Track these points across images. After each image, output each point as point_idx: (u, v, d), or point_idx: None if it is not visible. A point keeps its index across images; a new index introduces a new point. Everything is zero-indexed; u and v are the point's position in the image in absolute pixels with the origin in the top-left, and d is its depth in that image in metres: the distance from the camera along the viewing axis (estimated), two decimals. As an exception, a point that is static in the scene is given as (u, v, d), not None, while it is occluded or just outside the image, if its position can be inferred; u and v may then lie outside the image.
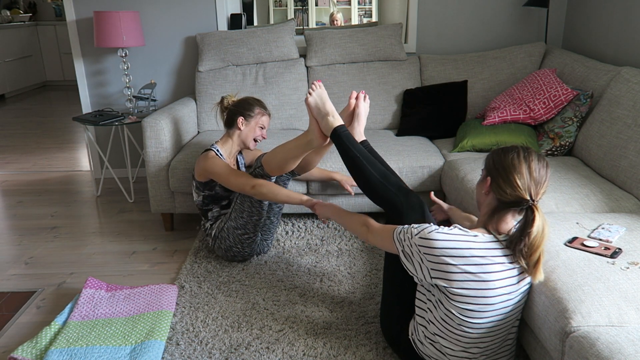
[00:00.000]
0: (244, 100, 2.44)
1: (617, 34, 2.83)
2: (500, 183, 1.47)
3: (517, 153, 1.47)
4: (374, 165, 1.91)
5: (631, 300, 1.37)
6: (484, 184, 1.54)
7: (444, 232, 1.47)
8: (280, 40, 3.24)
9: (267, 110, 2.46)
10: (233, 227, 2.31)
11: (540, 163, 1.47)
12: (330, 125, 2.03)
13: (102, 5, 3.40)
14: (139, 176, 3.78)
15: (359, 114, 2.21)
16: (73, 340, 1.85)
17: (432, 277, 1.49)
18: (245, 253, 2.40)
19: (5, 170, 4.05)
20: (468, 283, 1.44)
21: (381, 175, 1.88)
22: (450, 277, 1.45)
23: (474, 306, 1.46)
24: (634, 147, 2.12)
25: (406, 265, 1.56)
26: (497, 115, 2.77)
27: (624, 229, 1.73)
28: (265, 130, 2.45)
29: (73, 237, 2.84)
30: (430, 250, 1.47)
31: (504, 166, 1.47)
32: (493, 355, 1.58)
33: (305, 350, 1.83)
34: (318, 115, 2.09)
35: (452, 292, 1.47)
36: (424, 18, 3.46)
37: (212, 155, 2.33)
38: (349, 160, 1.95)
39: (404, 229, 1.58)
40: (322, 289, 2.22)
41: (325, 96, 2.10)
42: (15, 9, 8.21)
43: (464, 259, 1.44)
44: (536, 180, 1.44)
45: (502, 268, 1.46)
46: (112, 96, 3.59)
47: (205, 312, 2.07)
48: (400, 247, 1.57)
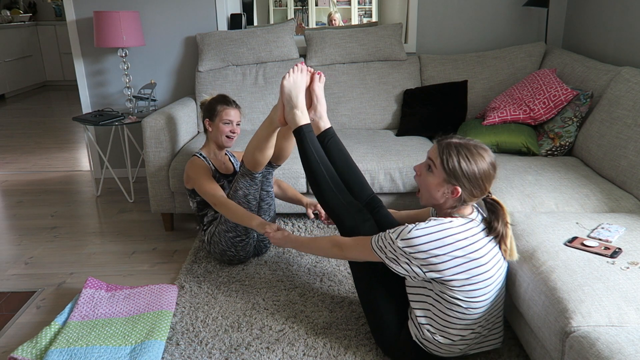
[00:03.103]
0: (209, 101, 2.44)
1: (617, 34, 2.83)
2: (472, 191, 1.54)
3: (490, 162, 1.54)
4: (332, 176, 1.86)
5: (631, 300, 1.37)
6: (447, 190, 1.55)
7: (422, 228, 1.50)
8: (280, 40, 3.24)
9: (230, 104, 2.40)
10: (224, 231, 2.30)
11: (489, 154, 1.56)
12: (296, 120, 1.91)
13: (102, 5, 3.40)
14: (139, 176, 3.78)
15: (318, 93, 2.04)
16: (73, 340, 1.85)
17: (425, 272, 1.51)
18: (241, 256, 2.38)
19: (5, 170, 4.05)
20: (461, 267, 1.48)
21: (337, 188, 1.84)
22: (443, 267, 1.48)
23: (475, 285, 1.50)
24: (634, 147, 2.12)
25: (395, 269, 1.56)
26: (497, 115, 2.77)
27: (624, 229, 1.73)
28: (233, 123, 2.40)
29: (73, 237, 2.84)
30: (415, 249, 1.49)
31: (477, 177, 1.52)
32: (493, 327, 1.64)
33: (305, 350, 1.83)
34: (287, 104, 1.95)
35: (450, 280, 1.49)
36: (424, 18, 3.46)
37: (194, 161, 2.36)
38: (308, 165, 1.87)
39: (380, 237, 1.58)
40: (322, 289, 2.22)
41: (301, 86, 1.96)
42: (15, 9, 8.21)
43: (449, 246, 1.47)
44: (495, 176, 1.57)
45: (484, 242, 1.52)
46: (112, 96, 3.59)
47: (205, 312, 2.07)
48: (383, 255, 1.57)
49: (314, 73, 2.05)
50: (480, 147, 1.56)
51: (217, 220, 2.36)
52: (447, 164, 1.53)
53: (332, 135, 2.03)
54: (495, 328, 1.66)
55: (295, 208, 2.76)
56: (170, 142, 2.73)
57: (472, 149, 1.54)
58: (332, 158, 1.98)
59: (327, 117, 2.06)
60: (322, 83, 2.06)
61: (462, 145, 1.54)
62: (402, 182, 2.64)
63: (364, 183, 1.98)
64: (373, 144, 2.81)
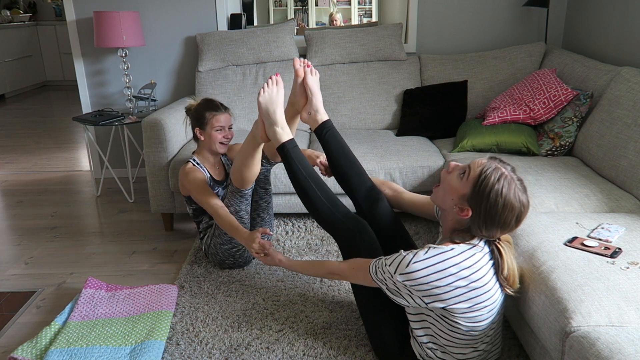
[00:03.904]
0: (195, 108, 2.36)
1: (617, 34, 2.83)
2: (480, 225, 1.44)
3: (516, 217, 1.41)
4: (322, 190, 1.80)
5: (631, 300, 1.37)
6: (462, 206, 1.46)
7: (421, 260, 1.41)
8: (280, 40, 3.24)
9: (219, 109, 2.32)
10: (219, 244, 2.29)
11: (525, 211, 1.43)
12: (277, 138, 1.84)
13: (102, 5, 3.40)
14: (139, 176, 3.78)
15: (312, 87, 1.95)
16: (73, 340, 1.85)
17: (428, 303, 1.45)
18: (240, 263, 2.37)
19: (5, 170, 4.05)
20: (463, 296, 1.42)
21: (329, 201, 1.78)
22: (444, 297, 1.42)
23: (477, 312, 1.45)
24: (634, 147, 2.12)
25: (396, 300, 1.51)
26: (497, 115, 2.77)
27: (624, 229, 1.73)
28: (226, 128, 2.33)
29: (73, 237, 2.84)
30: (415, 282, 1.43)
31: (493, 219, 1.42)
32: (496, 341, 1.59)
33: (305, 350, 1.83)
34: (266, 120, 1.87)
35: (452, 309, 1.44)
36: (424, 18, 3.46)
37: (189, 169, 2.30)
38: (296, 182, 1.81)
39: (378, 268, 1.52)
40: (322, 289, 2.22)
41: (278, 100, 1.87)
42: (15, 9, 8.21)
43: (450, 277, 1.40)
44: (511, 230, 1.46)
45: (487, 269, 1.45)
46: (112, 96, 3.59)
47: (205, 312, 2.07)
48: (384, 287, 1.52)
49: (304, 66, 1.96)
50: (523, 195, 1.42)
51: (211, 229, 2.35)
52: (480, 183, 1.41)
53: (330, 127, 1.96)
54: (497, 341, 1.61)
55: (295, 208, 2.76)
56: (170, 142, 2.73)
57: (516, 191, 1.40)
58: (330, 150, 1.94)
59: (323, 109, 1.98)
60: (315, 76, 1.97)
61: (510, 183, 1.40)
62: (402, 182, 2.64)
63: (362, 174, 1.93)
64: (373, 144, 2.81)
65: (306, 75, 1.96)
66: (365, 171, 1.95)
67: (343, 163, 1.93)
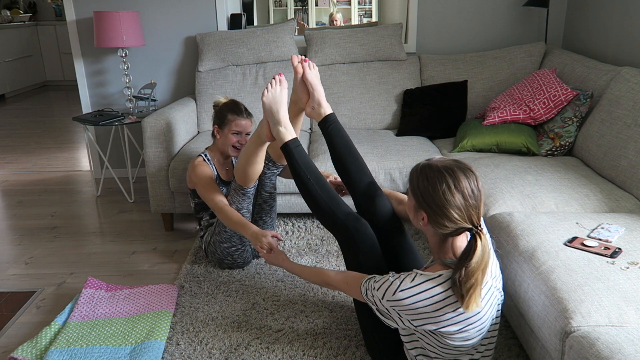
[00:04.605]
0: (220, 107, 2.37)
1: (617, 34, 2.83)
2: (437, 219, 1.38)
3: (447, 184, 1.34)
4: (324, 189, 1.80)
5: (631, 300, 1.37)
6: (419, 215, 1.43)
7: (408, 288, 1.37)
8: (280, 40, 3.24)
9: (242, 114, 2.32)
10: (219, 242, 2.29)
11: (472, 183, 1.36)
12: (281, 137, 1.87)
13: (102, 5, 3.40)
14: (139, 176, 3.78)
15: (312, 81, 1.96)
16: (73, 340, 1.85)
17: (416, 326, 1.43)
18: (239, 263, 2.37)
19: (5, 170, 4.05)
20: (452, 320, 1.37)
21: (331, 200, 1.78)
22: (433, 321, 1.38)
23: (467, 332, 1.41)
24: (634, 147, 2.12)
25: (385, 321, 1.49)
26: (497, 115, 2.77)
27: (624, 229, 1.73)
28: (243, 134, 2.33)
29: (73, 237, 2.84)
30: (403, 307, 1.40)
31: (436, 203, 1.36)
32: (489, 348, 1.56)
33: (305, 350, 1.83)
34: (270, 120, 1.91)
35: (442, 332, 1.41)
36: (424, 18, 3.46)
37: (198, 162, 2.31)
38: (299, 181, 1.82)
39: (368, 289, 1.49)
40: (322, 289, 2.22)
41: (281, 100, 1.91)
42: (15, 9, 8.21)
43: (438, 304, 1.36)
44: (473, 206, 1.35)
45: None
46: (112, 96, 3.59)
47: (205, 312, 2.07)
48: (374, 307, 1.51)
49: (302, 61, 1.97)
50: (449, 172, 1.36)
51: (212, 227, 2.35)
52: (413, 184, 1.42)
53: (333, 121, 1.96)
54: (491, 346, 1.57)
55: (295, 208, 2.76)
56: (170, 142, 2.73)
57: (438, 169, 1.37)
58: (333, 143, 1.94)
59: (326, 102, 1.98)
60: (314, 70, 1.98)
61: (429, 166, 1.40)
62: (402, 181, 2.64)
63: (363, 169, 1.92)
64: (373, 144, 2.81)
65: (305, 70, 1.97)
66: (367, 168, 1.94)
67: (345, 157, 1.93)
